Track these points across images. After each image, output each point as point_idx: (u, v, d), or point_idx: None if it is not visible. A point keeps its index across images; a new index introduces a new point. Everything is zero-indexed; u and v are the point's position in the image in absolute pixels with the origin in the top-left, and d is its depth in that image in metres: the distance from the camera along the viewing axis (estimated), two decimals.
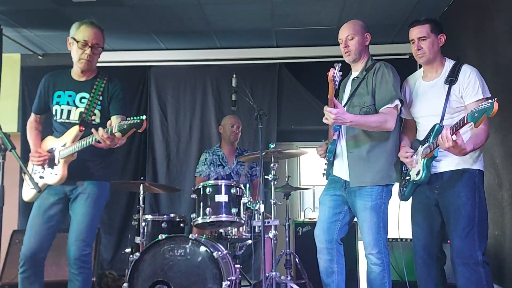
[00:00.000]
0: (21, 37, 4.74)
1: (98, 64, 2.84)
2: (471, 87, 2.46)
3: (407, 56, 4.95)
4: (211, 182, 3.20)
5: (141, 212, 3.38)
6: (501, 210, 3.24)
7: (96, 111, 2.72)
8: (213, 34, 4.70)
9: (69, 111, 2.72)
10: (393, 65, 2.72)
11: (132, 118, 2.40)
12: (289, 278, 3.29)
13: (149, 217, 3.39)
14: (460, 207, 2.43)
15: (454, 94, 2.51)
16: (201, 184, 3.22)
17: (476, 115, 2.11)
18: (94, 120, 2.72)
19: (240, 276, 3.30)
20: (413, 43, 2.62)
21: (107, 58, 4.98)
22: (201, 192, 3.17)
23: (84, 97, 2.73)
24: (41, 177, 2.69)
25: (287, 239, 3.63)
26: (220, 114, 4.95)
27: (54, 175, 2.64)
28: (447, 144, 2.26)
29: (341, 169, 2.74)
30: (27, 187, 2.76)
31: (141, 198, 3.42)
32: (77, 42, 2.69)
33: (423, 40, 2.58)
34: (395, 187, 2.71)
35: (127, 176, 4.96)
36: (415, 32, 2.61)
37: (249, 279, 4.04)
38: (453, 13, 4.02)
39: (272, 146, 3.20)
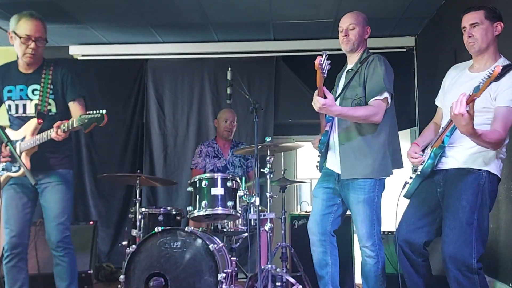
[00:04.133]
0: None
1: (96, 58, 2.84)
2: (508, 91, 2.19)
3: (404, 50, 4.96)
4: (207, 175, 3.20)
5: (137, 205, 3.39)
6: (496, 204, 3.25)
7: (50, 101, 2.73)
8: (211, 27, 4.69)
9: (24, 105, 2.73)
10: (390, 58, 2.71)
11: (92, 112, 2.41)
12: (284, 271, 3.31)
13: (145, 210, 3.40)
14: (459, 210, 2.26)
15: (487, 92, 2.17)
16: (197, 177, 3.22)
17: (480, 85, 1.96)
18: (50, 110, 2.72)
19: (236, 269, 3.32)
20: (464, 31, 2.37)
21: (104, 51, 4.97)
22: (197, 185, 3.18)
23: (36, 89, 2.73)
24: (3, 169, 2.71)
25: (283, 232, 3.64)
26: (218, 107, 4.95)
27: (17, 167, 2.66)
28: (457, 109, 2.00)
29: (333, 162, 2.75)
30: None
31: (137, 191, 3.42)
32: (20, 37, 2.64)
33: (475, 26, 2.32)
34: (389, 180, 2.72)
35: (124, 169, 4.96)
36: (467, 19, 2.35)
37: (245, 271, 4.06)
38: (451, 7, 4.01)
39: (268, 139, 3.21)
